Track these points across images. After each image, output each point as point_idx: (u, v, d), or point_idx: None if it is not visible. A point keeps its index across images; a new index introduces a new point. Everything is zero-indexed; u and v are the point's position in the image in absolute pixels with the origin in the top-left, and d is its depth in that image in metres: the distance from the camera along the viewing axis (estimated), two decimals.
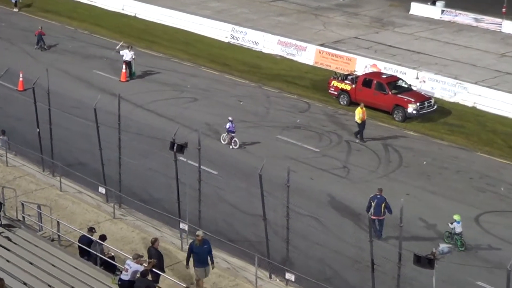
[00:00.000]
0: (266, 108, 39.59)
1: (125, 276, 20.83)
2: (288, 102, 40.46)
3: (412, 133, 36.94)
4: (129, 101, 38.07)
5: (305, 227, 27.02)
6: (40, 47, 47.76)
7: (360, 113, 35.15)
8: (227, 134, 34.52)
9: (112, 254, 23.45)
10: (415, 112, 37.90)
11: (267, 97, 41.21)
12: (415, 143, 35.73)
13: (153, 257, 21.82)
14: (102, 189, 28.33)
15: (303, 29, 52.28)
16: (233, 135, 34.33)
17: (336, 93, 40.42)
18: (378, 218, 26.39)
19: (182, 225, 25.45)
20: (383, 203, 26.48)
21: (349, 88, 39.85)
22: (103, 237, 23.53)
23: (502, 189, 31.18)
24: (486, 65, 45.36)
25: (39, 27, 48.50)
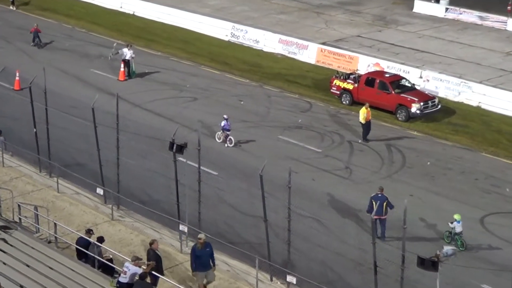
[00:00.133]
0: (267, 107, 39.30)
1: (124, 278, 20.83)
2: (289, 101, 40.15)
3: (415, 133, 36.64)
4: (128, 101, 37.75)
5: (307, 228, 26.81)
6: (36, 44, 47.73)
7: (364, 113, 34.82)
8: (222, 132, 34.25)
9: (110, 256, 23.34)
10: (418, 111, 37.56)
11: (268, 96, 40.92)
12: (419, 143, 35.44)
13: (151, 260, 21.69)
14: (100, 190, 28.22)
15: (304, 27, 51.99)
16: (228, 133, 34.07)
17: (338, 92, 40.10)
18: (380, 217, 26.13)
19: (181, 227, 25.30)
20: (385, 202, 26.25)
21: (351, 87, 39.51)
22: (101, 239, 23.46)
23: (507, 190, 30.88)
24: (491, 64, 45.08)
25: (35, 24, 48.42)
